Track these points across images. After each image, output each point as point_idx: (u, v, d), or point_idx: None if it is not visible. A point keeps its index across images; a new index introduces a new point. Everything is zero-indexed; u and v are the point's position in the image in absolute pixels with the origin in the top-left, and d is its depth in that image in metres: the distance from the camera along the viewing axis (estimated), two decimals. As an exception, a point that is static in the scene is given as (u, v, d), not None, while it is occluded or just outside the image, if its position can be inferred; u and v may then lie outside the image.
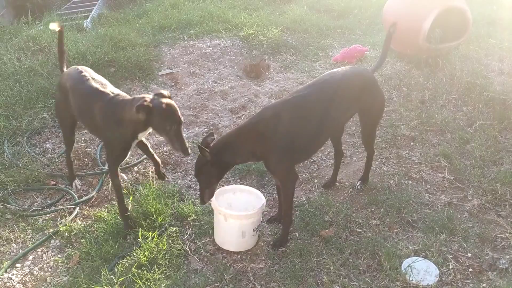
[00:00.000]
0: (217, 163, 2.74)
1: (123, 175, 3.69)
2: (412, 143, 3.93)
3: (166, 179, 3.60)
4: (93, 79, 3.16)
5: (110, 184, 3.39)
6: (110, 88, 3.10)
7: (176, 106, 2.75)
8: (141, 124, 2.77)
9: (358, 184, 3.44)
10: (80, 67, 3.32)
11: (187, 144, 2.76)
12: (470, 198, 3.28)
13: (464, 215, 3.13)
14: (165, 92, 2.81)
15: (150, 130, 2.85)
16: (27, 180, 3.63)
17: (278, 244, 2.95)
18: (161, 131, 2.78)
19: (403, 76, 4.85)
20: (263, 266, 2.82)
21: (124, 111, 2.80)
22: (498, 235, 2.95)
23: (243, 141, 2.77)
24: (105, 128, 2.94)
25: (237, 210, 2.96)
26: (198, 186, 2.88)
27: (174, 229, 3.08)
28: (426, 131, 4.06)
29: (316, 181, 3.59)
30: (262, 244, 2.99)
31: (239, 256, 2.90)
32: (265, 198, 3.41)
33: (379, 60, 3.33)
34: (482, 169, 3.52)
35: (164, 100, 2.71)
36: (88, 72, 3.26)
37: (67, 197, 3.55)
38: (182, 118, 2.75)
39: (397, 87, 4.72)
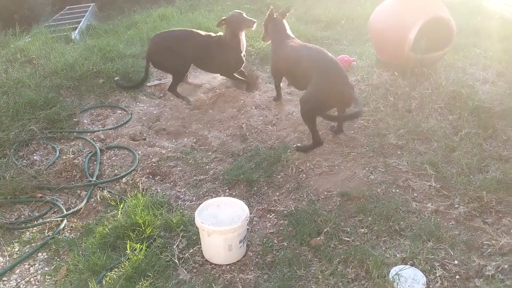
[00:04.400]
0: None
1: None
2: (399, 152, 3.97)
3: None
4: None
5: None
6: None
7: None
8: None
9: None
10: None
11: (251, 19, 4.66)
12: (456, 206, 3.31)
13: (450, 223, 3.16)
14: None
15: None
16: (14, 193, 3.61)
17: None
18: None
19: (389, 85, 4.90)
20: (252, 276, 2.82)
21: None
22: (484, 242, 2.98)
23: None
24: None
25: (224, 223, 2.95)
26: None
27: (162, 240, 3.07)
28: (413, 140, 4.10)
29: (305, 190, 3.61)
30: (250, 254, 2.99)
31: (228, 267, 2.90)
32: (254, 207, 3.44)
33: None
34: (468, 176, 3.56)
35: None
36: None
37: (55, 210, 3.53)
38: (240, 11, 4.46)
39: (383, 96, 4.77)
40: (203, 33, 4.97)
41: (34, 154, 4.17)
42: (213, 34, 4.98)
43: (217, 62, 5.01)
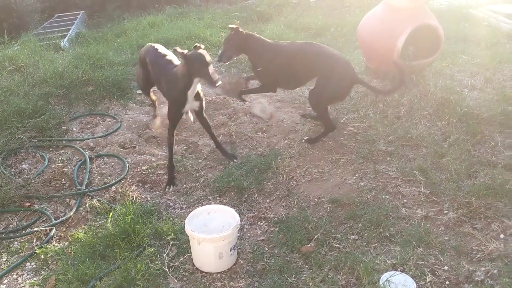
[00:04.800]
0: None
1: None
2: (388, 158, 3.99)
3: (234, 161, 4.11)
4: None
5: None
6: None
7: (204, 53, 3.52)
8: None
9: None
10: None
11: (216, 78, 3.52)
12: (446, 212, 3.33)
13: (440, 229, 3.18)
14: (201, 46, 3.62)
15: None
16: (2, 202, 3.57)
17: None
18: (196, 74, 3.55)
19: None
20: (242, 284, 2.81)
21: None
22: (473, 247, 3.00)
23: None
24: None
25: (214, 231, 2.94)
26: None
27: (152, 249, 3.06)
28: (402, 146, 4.12)
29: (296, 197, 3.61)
30: (241, 262, 2.98)
31: (218, 275, 2.89)
32: (245, 215, 3.43)
33: None
34: (457, 182, 3.58)
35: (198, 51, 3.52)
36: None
37: (44, 219, 3.49)
38: (209, 60, 3.53)
39: (373, 103, 4.80)
40: (169, 55, 4.07)
41: (23, 162, 4.13)
42: (175, 61, 4.00)
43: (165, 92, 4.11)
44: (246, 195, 3.66)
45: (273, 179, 3.81)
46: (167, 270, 2.91)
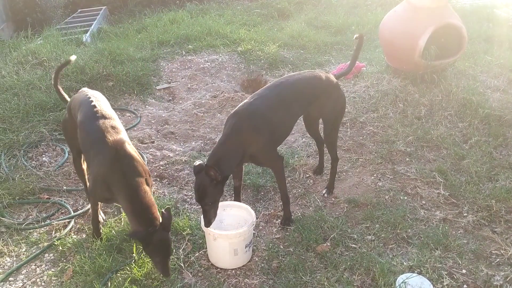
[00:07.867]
0: (222, 179, 2.78)
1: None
2: (408, 159, 3.95)
3: None
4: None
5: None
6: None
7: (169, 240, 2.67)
8: None
9: (324, 191, 3.60)
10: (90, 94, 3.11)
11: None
12: (465, 214, 3.28)
13: (459, 231, 3.13)
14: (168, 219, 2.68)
15: None
16: (23, 193, 3.63)
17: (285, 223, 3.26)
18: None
19: (399, 92, 4.87)
20: (257, 281, 2.80)
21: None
22: (493, 251, 2.94)
23: (236, 147, 2.89)
24: None
25: (230, 227, 2.96)
26: (202, 210, 2.80)
27: (168, 243, 3.07)
28: (422, 147, 4.07)
29: (312, 196, 3.59)
30: (256, 259, 2.98)
31: (233, 272, 2.89)
32: (260, 212, 3.43)
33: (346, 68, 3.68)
34: (477, 185, 3.52)
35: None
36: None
37: (63, 211, 3.54)
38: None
39: (393, 103, 4.74)
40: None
41: (43, 155, 4.19)
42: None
43: None
44: (262, 193, 3.66)
45: (290, 178, 3.80)
46: (182, 265, 2.92)
